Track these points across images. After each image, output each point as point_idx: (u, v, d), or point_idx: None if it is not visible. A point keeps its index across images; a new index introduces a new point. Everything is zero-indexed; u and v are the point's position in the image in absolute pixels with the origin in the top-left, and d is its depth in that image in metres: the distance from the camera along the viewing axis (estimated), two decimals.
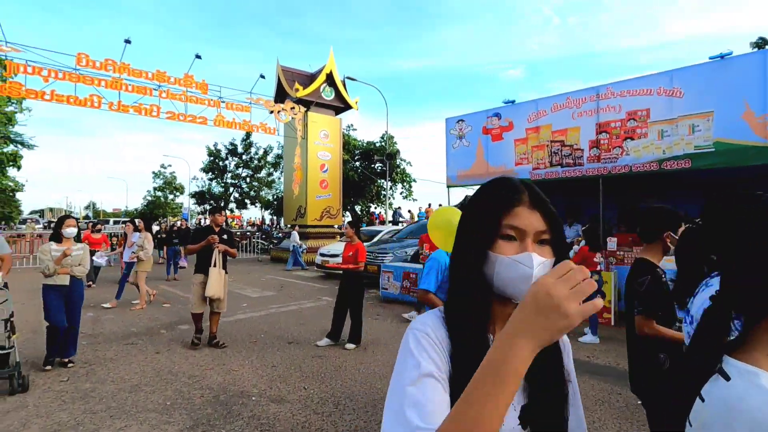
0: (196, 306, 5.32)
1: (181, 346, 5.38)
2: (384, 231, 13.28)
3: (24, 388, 3.86)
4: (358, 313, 5.43)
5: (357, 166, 23.21)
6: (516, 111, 8.32)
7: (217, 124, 14.34)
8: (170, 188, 55.17)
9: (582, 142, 7.36)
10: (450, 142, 9.38)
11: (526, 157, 8.05)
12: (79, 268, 4.65)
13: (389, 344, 5.52)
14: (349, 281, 5.49)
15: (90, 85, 12.12)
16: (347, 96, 17.19)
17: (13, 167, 17.84)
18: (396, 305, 8.11)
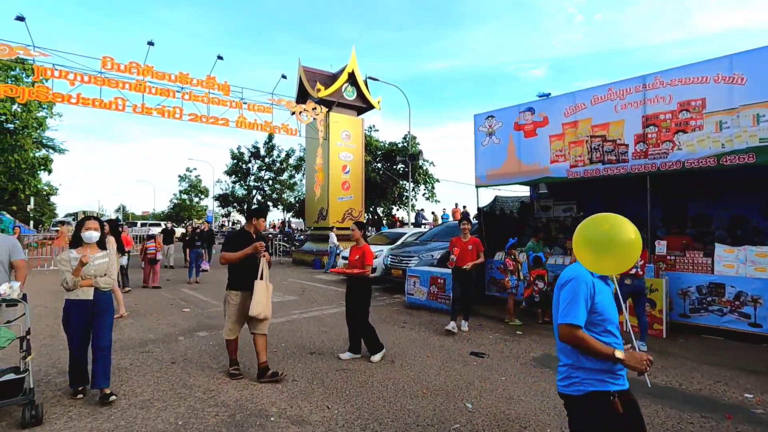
0: (231, 330, 4.30)
1: (198, 355, 5.09)
2: (408, 233, 12.85)
3: (37, 420, 3.29)
4: (363, 322, 4.93)
5: (379, 168, 22.86)
6: (551, 105, 7.76)
7: (239, 125, 14.23)
8: (195, 191, 56.32)
9: (626, 136, 6.75)
10: (479, 139, 8.87)
11: (563, 154, 7.48)
12: (105, 279, 3.84)
13: (418, 357, 5.08)
14: (355, 287, 5.02)
15: (114, 88, 12.18)
16: (369, 95, 16.86)
17: (44, 171, 18.28)
18: (423, 312, 7.66)
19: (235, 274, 4.32)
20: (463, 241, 6.31)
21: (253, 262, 4.27)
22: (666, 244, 6.62)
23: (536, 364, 4.81)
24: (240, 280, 4.29)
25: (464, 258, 6.22)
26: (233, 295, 4.29)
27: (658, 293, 6.06)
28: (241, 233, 4.45)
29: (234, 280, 4.32)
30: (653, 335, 6.03)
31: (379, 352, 4.84)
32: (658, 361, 4.92)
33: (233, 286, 4.32)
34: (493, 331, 6.35)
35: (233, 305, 4.28)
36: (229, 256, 4.22)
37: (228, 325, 4.32)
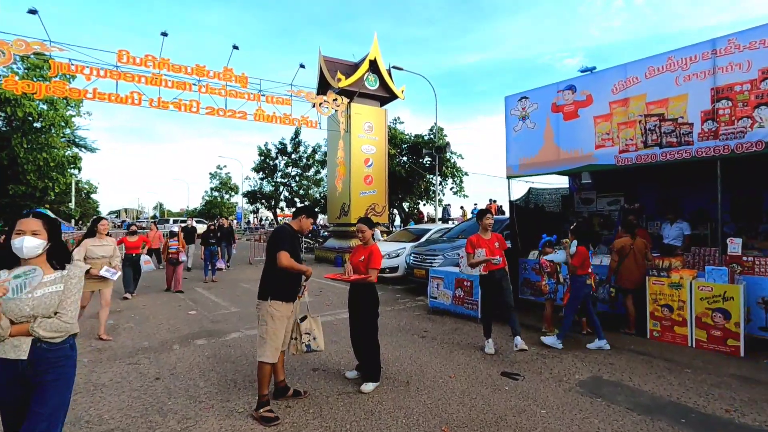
0: (271, 353, 3.39)
1: (187, 370, 4.49)
2: (433, 229, 11.99)
3: None
4: (371, 341, 4.07)
5: (404, 161, 22.00)
6: (596, 81, 6.70)
7: (257, 118, 13.76)
8: (225, 188, 57.28)
9: (690, 113, 5.65)
10: (510, 124, 7.90)
11: (611, 138, 6.43)
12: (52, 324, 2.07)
13: (439, 378, 4.28)
14: (359, 296, 4.16)
15: (130, 82, 11.91)
16: (392, 84, 16.03)
17: (74, 168, 18.56)
18: (447, 319, 6.83)
19: (284, 281, 3.51)
20: (485, 239, 5.17)
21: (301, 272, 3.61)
22: (741, 243, 5.49)
23: (584, 391, 3.91)
24: (290, 288, 3.55)
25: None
26: (280, 306, 3.46)
27: (734, 302, 4.98)
28: (292, 231, 3.69)
29: (282, 287, 3.49)
30: (726, 353, 4.96)
31: (372, 382, 3.97)
32: (742, 392, 3.91)
33: (281, 294, 3.47)
34: (528, 343, 5.44)
35: (279, 318, 3.45)
36: (293, 263, 3.44)
37: (271, 344, 3.39)
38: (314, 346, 3.71)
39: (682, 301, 5.37)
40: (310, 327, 3.73)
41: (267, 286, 3.53)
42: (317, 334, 3.74)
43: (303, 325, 3.72)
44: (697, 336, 5.24)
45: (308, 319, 3.76)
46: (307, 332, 3.70)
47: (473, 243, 5.19)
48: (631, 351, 5.14)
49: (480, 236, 5.20)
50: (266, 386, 3.43)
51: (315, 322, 3.78)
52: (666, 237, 6.72)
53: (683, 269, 5.66)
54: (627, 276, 5.89)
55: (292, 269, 3.46)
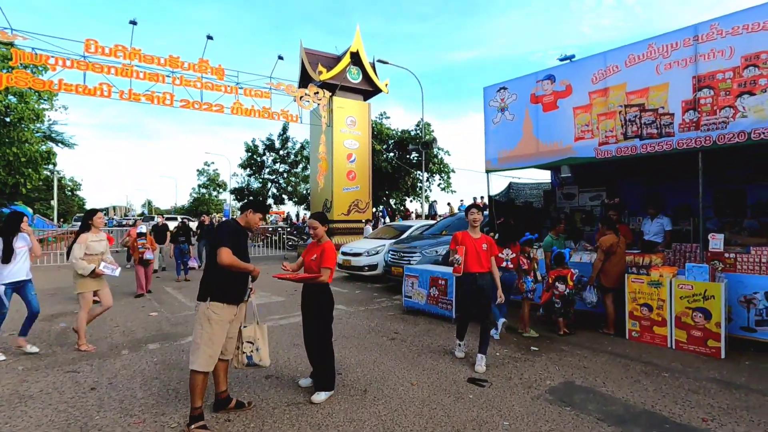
0: (204, 360, 3.02)
1: (128, 379, 4.12)
2: (415, 226, 11.68)
3: None
4: (324, 347, 3.69)
5: (391, 157, 21.67)
6: (576, 70, 6.42)
7: (235, 111, 13.32)
8: (213, 185, 56.52)
9: (671, 103, 5.39)
10: (489, 116, 7.60)
11: (590, 129, 6.16)
12: None
13: (400, 385, 3.97)
14: (311, 297, 3.74)
15: (99, 73, 11.41)
16: (376, 78, 15.66)
17: (49, 164, 17.93)
18: (421, 319, 6.53)
19: (226, 281, 3.14)
20: (472, 237, 4.47)
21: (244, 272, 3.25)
22: (723, 239, 5.25)
23: (553, 399, 3.62)
24: (233, 289, 3.19)
25: (478, 260, 4.38)
26: (219, 309, 3.09)
27: (715, 301, 4.74)
28: (237, 227, 3.32)
29: (223, 287, 3.13)
30: (707, 355, 4.72)
31: (325, 392, 3.63)
32: (721, 398, 3.65)
33: (221, 296, 3.12)
34: (502, 345, 5.17)
35: (218, 322, 3.08)
36: (235, 261, 3.08)
37: (206, 351, 3.02)
38: (256, 358, 3.36)
39: (661, 300, 5.12)
40: (253, 335, 3.38)
41: (206, 285, 3.18)
42: (261, 345, 3.38)
43: (245, 332, 3.38)
44: (677, 337, 4.99)
45: (253, 325, 3.41)
46: (250, 341, 3.36)
47: (457, 239, 4.54)
48: (608, 353, 4.88)
49: (468, 234, 4.52)
50: (199, 398, 3.09)
51: (260, 330, 3.42)
52: (646, 233, 6.48)
53: (663, 266, 5.41)
54: (609, 274, 5.62)
55: (234, 267, 3.11)
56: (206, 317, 3.07)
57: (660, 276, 5.18)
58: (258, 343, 3.36)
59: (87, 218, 5.23)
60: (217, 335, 3.09)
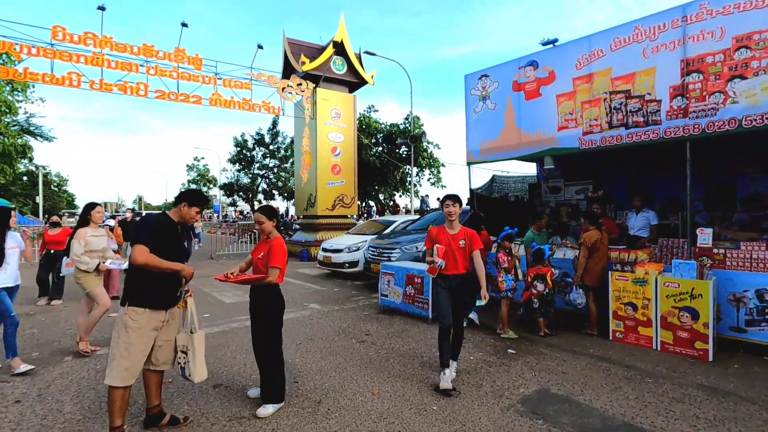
0: (129, 372, 2.69)
1: (62, 389, 3.73)
2: (399, 221, 11.32)
3: None
4: (272, 355, 3.33)
5: (379, 151, 21.26)
6: (559, 56, 6.07)
7: (213, 103, 12.85)
8: (204, 180, 55.80)
9: (659, 89, 5.05)
10: (471, 105, 7.24)
11: (574, 118, 5.82)
12: None
13: (359, 394, 3.62)
14: (258, 300, 3.37)
15: (68, 62, 10.89)
16: (361, 69, 15.22)
17: (24, 159, 17.34)
18: (396, 318, 6.19)
19: (150, 283, 2.76)
20: (449, 233, 3.89)
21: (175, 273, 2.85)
22: (711, 234, 4.94)
23: (525, 410, 3.29)
24: (158, 291, 2.81)
25: (453, 261, 3.81)
26: (138, 314, 2.72)
27: (702, 300, 4.43)
28: (167, 222, 2.91)
29: (146, 290, 2.76)
30: (694, 357, 4.42)
31: (272, 404, 3.27)
32: (707, 407, 3.34)
33: (141, 299, 2.75)
34: (477, 348, 4.84)
35: (137, 330, 2.70)
36: (153, 260, 2.68)
37: (122, 363, 2.65)
38: (188, 370, 2.97)
39: (646, 299, 4.81)
40: (186, 344, 3.00)
41: (127, 288, 2.81)
42: (192, 357, 2.96)
43: (178, 340, 3.00)
44: (663, 338, 4.69)
45: (186, 334, 3.03)
46: (183, 350, 2.98)
47: (431, 237, 3.94)
48: (590, 356, 4.56)
49: (443, 229, 3.93)
50: (118, 416, 2.72)
51: (194, 339, 3.00)
52: (631, 227, 6.17)
53: (649, 263, 5.10)
54: (592, 272, 5.30)
55: (153, 267, 2.70)
56: (123, 324, 2.70)
57: (645, 273, 4.86)
58: (190, 355, 2.97)
59: (85, 212, 4.82)
60: (135, 345, 2.70)
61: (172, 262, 2.79)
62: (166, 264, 2.74)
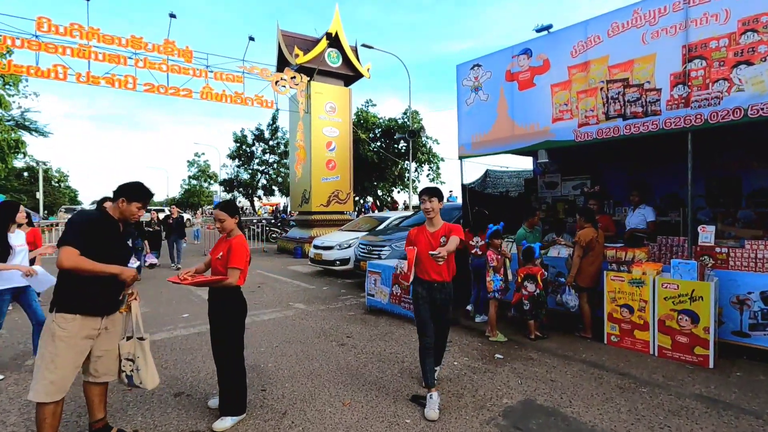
0: (55, 386, 2.40)
1: (14, 395, 3.49)
2: (392, 217, 11.05)
3: None
4: (231, 364, 3.07)
5: (378, 146, 20.95)
6: (554, 43, 5.75)
7: (204, 96, 12.57)
8: (204, 176, 55.66)
9: (658, 77, 4.73)
10: (462, 97, 6.93)
11: (569, 109, 5.51)
12: None
13: (329, 404, 3.35)
14: (216, 305, 3.11)
15: (53, 54, 10.62)
16: (356, 62, 14.89)
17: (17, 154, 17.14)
18: (382, 319, 5.93)
19: (82, 287, 2.47)
20: (428, 232, 3.41)
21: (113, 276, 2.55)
22: (714, 232, 4.64)
23: (505, 425, 3.02)
24: (92, 296, 2.51)
25: (432, 263, 3.26)
26: (68, 322, 2.43)
27: (703, 302, 4.13)
28: (101, 220, 2.62)
29: (77, 294, 2.47)
30: (693, 364, 4.13)
31: (231, 416, 3.01)
32: (705, 422, 3.05)
33: (72, 305, 2.46)
34: (463, 352, 4.57)
35: (65, 339, 2.41)
36: (80, 262, 2.40)
37: (47, 376, 2.38)
38: (136, 379, 2.71)
39: (643, 301, 4.52)
40: (133, 351, 2.74)
41: (56, 291, 2.52)
42: (142, 364, 2.72)
43: (123, 347, 2.74)
44: (660, 342, 4.40)
45: (132, 340, 2.76)
46: (129, 358, 2.72)
47: (410, 239, 3.50)
48: (582, 362, 4.28)
49: (423, 229, 3.45)
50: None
51: (141, 346, 2.74)
52: (628, 224, 5.85)
53: (647, 263, 4.80)
54: (586, 273, 5.01)
55: (81, 271, 2.41)
56: (50, 333, 2.43)
57: (642, 273, 4.57)
58: (138, 362, 2.71)
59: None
60: (63, 356, 2.42)
61: (108, 265, 2.50)
62: (100, 267, 2.46)
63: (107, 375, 2.70)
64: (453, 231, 3.33)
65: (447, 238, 3.32)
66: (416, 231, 3.51)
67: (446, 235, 3.34)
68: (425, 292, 3.37)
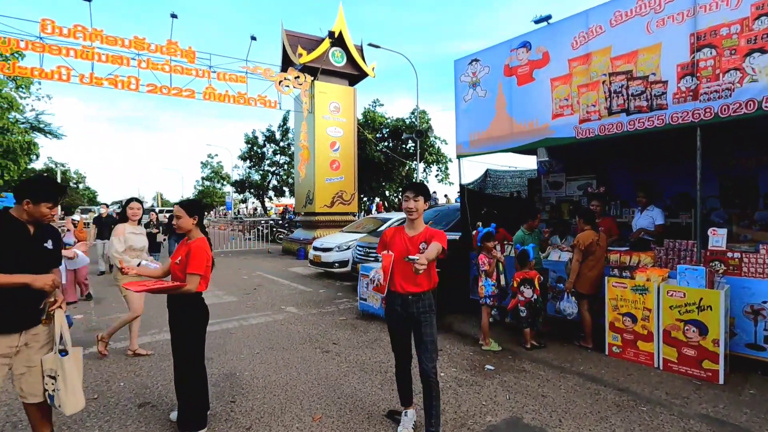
0: None
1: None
2: (395, 218, 10.79)
3: None
4: (189, 376, 2.88)
5: (384, 146, 20.72)
6: (554, 35, 5.45)
7: (207, 97, 12.53)
8: (217, 177, 56.22)
9: (664, 68, 4.40)
10: (460, 93, 6.66)
11: (570, 104, 5.19)
12: None
13: (298, 418, 3.13)
14: (174, 312, 2.92)
15: (57, 55, 10.69)
16: (361, 61, 14.69)
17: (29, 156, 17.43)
18: (373, 325, 5.69)
19: None
20: (407, 236, 2.88)
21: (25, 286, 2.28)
22: (725, 235, 4.28)
23: None
24: (6, 309, 2.25)
25: (409, 272, 2.73)
26: None
27: (712, 312, 3.79)
28: (5, 224, 2.31)
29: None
30: (701, 379, 3.79)
31: (192, 430, 2.85)
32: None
33: None
34: (451, 362, 4.30)
35: None
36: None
37: None
38: (56, 401, 2.40)
39: (647, 310, 4.19)
40: (54, 368, 2.41)
41: None
42: (61, 384, 2.37)
43: (45, 362, 2.42)
44: (666, 355, 4.06)
45: (53, 355, 2.43)
46: (51, 375, 2.42)
47: (384, 241, 2.97)
48: (579, 374, 3.97)
49: (402, 231, 2.93)
50: None
51: (65, 362, 2.39)
52: (634, 226, 5.50)
53: (652, 268, 4.46)
54: (586, 278, 4.69)
55: None
56: None
57: (646, 280, 4.23)
58: (60, 381, 2.39)
59: (124, 207, 4.49)
60: None
61: (14, 275, 2.22)
62: (3, 278, 2.19)
63: (33, 395, 2.39)
64: (435, 237, 2.77)
65: (428, 245, 2.75)
66: (392, 232, 2.96)
67: (427, 241, 2.79)
68: (401, 308, 2.83)
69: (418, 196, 2.84)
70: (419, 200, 2.83)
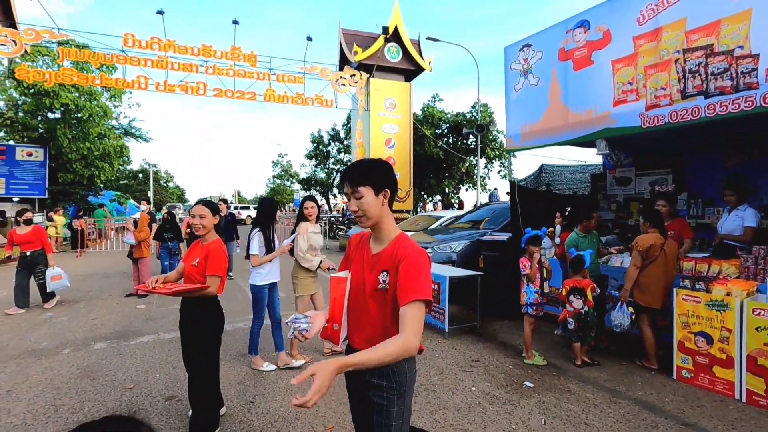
0: None
1: (29, 386, 3.70)
2: (447, 215, 10.43)
3: None
4: (203, 381, 2.84)
5: (443, 142, 20.21)
6: (616, 11, 4.77)
7: (267, 98, 13.04)
8: (287, 175, 59.08)
9: (755, 40, 3.63)
10: (511, 83, 6.15)
11: (635, 89, 4.52)
12: None
13: (309, 429, 3.02)
14: (188, 317, 2.88)
15: (136, 66, 11.74)
16: (417, 55, 14.41)
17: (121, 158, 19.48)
18: None
19: None
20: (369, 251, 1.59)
21: None
22: None
23: None
24: None
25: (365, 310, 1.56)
26: None
27: None
28: None
29: None
30: (714, 392, 3.07)
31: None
32: None
33: None
34: (487, 376, 3.95)
35: None
36: None
37: None
38: None
39: (727, 330, 3.51)
40: None
41: None
42: None
43: None
44: (750, 385, 3.37)
45: None
46: None
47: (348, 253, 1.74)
48: (635, 400, 3.43)
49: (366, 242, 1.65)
50: None
51: None
52: (719, 230, 4.66)
53: (735, 280, 3.73)
54: (648, 288, 4.07)
55: None
56: None
57: (726, 294, 3.55)
58: None
59: (300, 206, 4.48)
60: None
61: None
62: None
63: None
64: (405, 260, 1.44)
65: (389, 276, 1.48)
66: (357, 240, 1.72)
67: (389, 270, 1.49)
68: (350, 378, 1.72)
69: (359, 188, 1.50)
70: (365, 193, 1.50)
